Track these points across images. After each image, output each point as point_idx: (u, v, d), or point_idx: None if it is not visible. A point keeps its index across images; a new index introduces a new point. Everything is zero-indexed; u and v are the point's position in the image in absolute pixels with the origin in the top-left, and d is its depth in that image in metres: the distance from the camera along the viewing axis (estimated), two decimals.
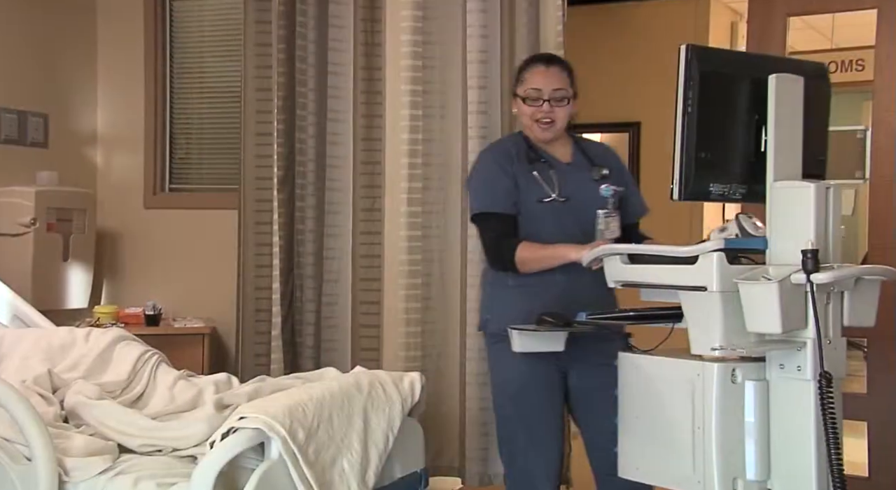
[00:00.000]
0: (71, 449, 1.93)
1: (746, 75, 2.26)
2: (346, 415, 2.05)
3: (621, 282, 2.33)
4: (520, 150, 2.58)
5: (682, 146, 2.17)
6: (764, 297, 2.05)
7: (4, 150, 3.87)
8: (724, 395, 2.11)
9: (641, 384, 2.24)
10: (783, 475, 2.10)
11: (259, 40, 3.47)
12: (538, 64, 2.60)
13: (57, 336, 2.49)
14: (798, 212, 2.16)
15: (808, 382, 2.09)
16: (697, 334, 2.17)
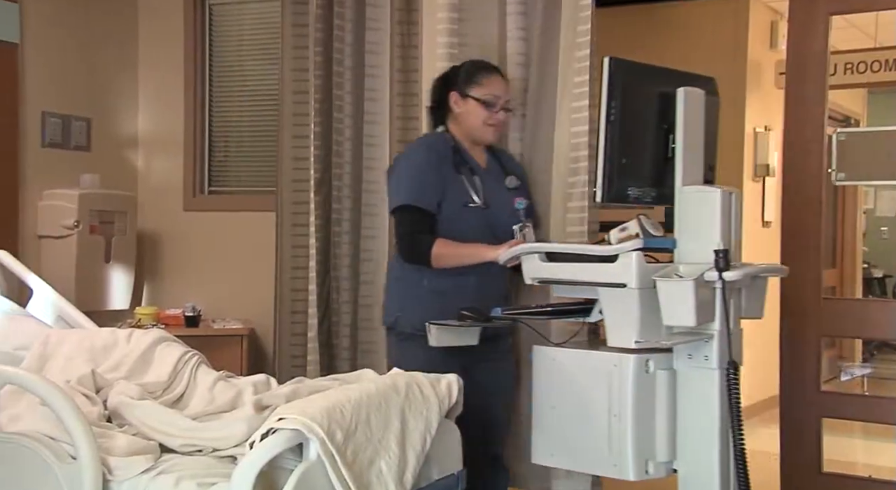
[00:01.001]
0: (114, 448, 1.96)
1: (657, 87, 2.46)
2: (384, 416, 2.06)
3: (539, 279, 2.47)
4: (449, 151, 2.71)
5: (605, 152, 2.35)
6: (681, 293, 2.21)
7: (49, 154, 3.94)
8: (639, 384, 2.28)
9: (557, 375, 2.37)
10: (688, 456, 2.28)
11: (296, 43, 3.49)
12: (495, 73, 2.78)
13: (100, 337, 2.53)
14: (705, 214, 2.33)
15: (713, 371, 2.28)
16: (615, 328, 2.32)
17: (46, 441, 1.94)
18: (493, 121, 2.73)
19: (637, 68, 2.51)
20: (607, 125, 2.35)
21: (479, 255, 2.57)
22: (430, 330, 2.46)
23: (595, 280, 2.36)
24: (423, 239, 2.60)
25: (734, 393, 2.24)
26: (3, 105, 3.75)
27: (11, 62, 3.76)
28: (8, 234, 3.71)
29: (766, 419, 5.02)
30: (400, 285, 2.74)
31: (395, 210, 2.68)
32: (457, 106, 2.75)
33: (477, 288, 2.65)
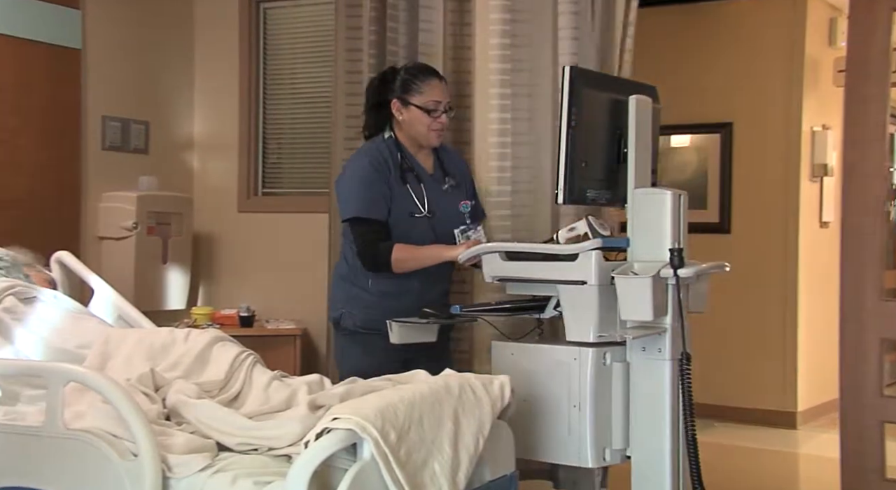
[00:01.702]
0: (173, 446, 1.99)
1: (609, 95, 2.60)
2: (437, 417, 2.06)
3: (499, 277, 2.60)
4: (394, 159, 2.82)
5: (566, 156, 2.47)
6: (639, 289, 2.34)
7: (109, 157, 4.04)
8: (597, 376, 2.42)
9: (515, 369, 2.45)
10: (641, 443, 2.42)
11: (350, 46, 3.52)
12: (433, 77, 2.86)
13: (158, 336, 2.56)
14: (656, 215, 2.46)
15: (666, 362, 2.41)
16: (575, 323, 2.45)
17: (109, 438, 1.98)
18: (436, 126, 2.83)
19: (593, 76, 2.71)
20: (568, 130, 2.47)
21: (438, 256, 2.70)
22: (392, 327, 2.59)
23: (555, 278, 2.48)
24: (382, 247, 2.72)
25: (686, 382, 2.39)
26: (66, 109, 3.85)
27: (74, 67, 3.87)
28: (70, 236, 3.81)
29: (825, 424, 4.93)
30: (346, 284, 2.87)
31: (347, 220, 2.80)
32: (399, 114, 2.84)
33: (420, 290, 2.78)
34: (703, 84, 5.28)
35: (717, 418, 5.12)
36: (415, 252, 2.71)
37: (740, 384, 5.21)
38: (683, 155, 5.48)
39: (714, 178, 5.38)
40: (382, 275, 2.77)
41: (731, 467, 4.25)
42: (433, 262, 2.71)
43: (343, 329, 2.86)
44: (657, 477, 2.40)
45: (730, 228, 5.34)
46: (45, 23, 3.74)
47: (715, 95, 5.29)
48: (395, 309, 2.69)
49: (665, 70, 3.09)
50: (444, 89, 2.88)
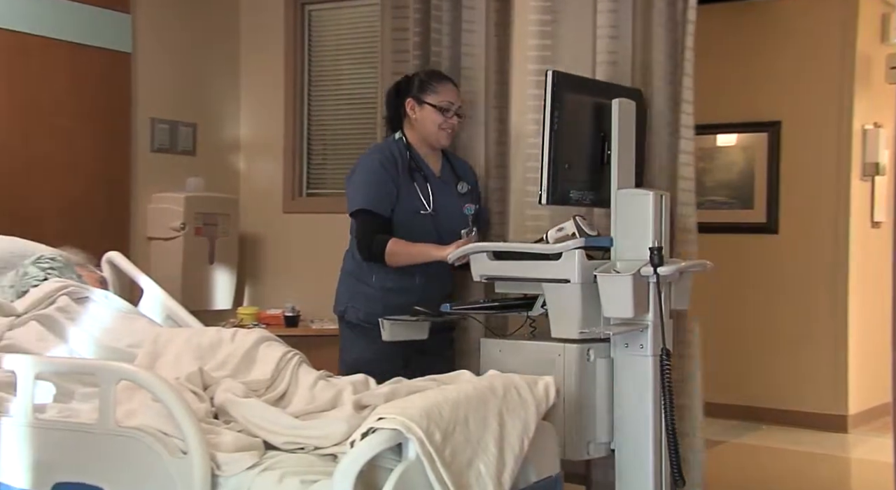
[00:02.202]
0: (222, 444, 2.02)
1: (593, 98, 2.69)
2: (482, 417, 2.06)
3: (487, 276, 2.69)
4: (403, 158, 2.92)
5: (549, 158, 2.56)
6: (620, 287, 2.44)
7: (158, 158, 4.10)
8: (581, 371, 2.51)
9: (503, 365, 2.50)
10: (625, 436, 2.51)
11: (396, 47, 3.53)
12: (448, 81, 3.01)
13: (206, 336, 2.60)
14: (638, 215, 2.54)
15: (648, 358, 2.50)
16: (559, 320, 2.55)
17: (159, 436, 2.01)
18: (446, 125, 2.95)
19: (576, 81, 2.77)
20: (551, 133, 2.55)
21: (427, 254, 2.78)
22: (384, 325, 2.67)
23: (540, 276, 2.58)
24: (379, 239, 2.81)
25: (666, 377, 2.47)
26: (117, 112, 3.92)
27: (125, 71, 3.94)
28: (120, 236, 3.88)
29: (878, 428, 4.83)
30: (351, 279, 2.98)
31: (353, 213, 2.89)
32: (413, 112, 2.96)
33: (422, 287, 2.87)
34: (750, 82, 5.21)
35: (764, 421, 5.05)
36: (407, 247, 2.80)
37: (789, 386, 5.13)
38: (730, 154, 5.41)
39: (761, 178, 5.30)
40: (385, 271, 2.86)
41: (779, 470, 4.18)
42: (423, 260, 2.79)
43: (347, 322, 2.97)
44: (640, 468, 2.50)
45: (777, 229, 5.26)
46: (96, 27, 3.82)
47: (762, 94, 5.21)
48: (397, 305, 2.78)
49: (709, 68, 3.06)
50: (458, 93, 3.01)
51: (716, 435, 3.46)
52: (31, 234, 3.19)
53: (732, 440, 4.69)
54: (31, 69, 3.61)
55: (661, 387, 2.48)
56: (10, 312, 2.61)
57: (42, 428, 2.13)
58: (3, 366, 2.22)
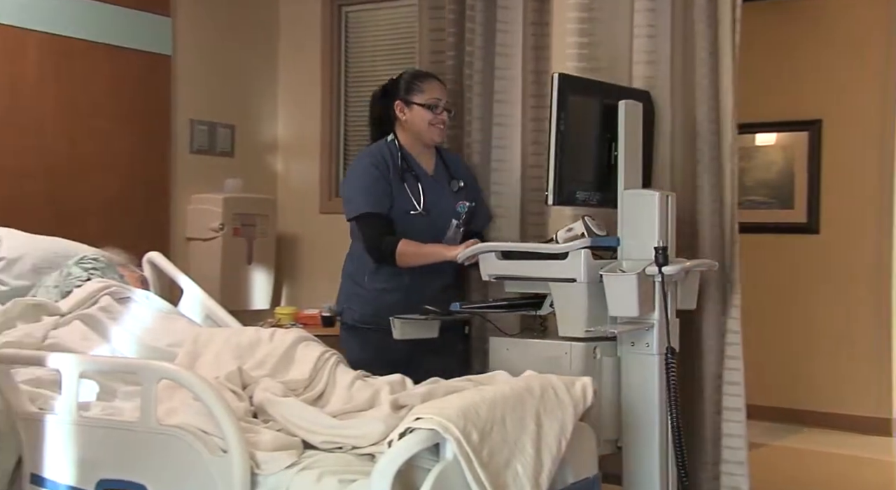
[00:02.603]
0: (261, 443, 2.03)
1: (600, 100, 2.73)
2: (519, 418, 2.06)
3: (495, 275, 2.74)
4: (394, 159, 2.97)
5: (555, 159, 2.60)
6: (625, 286, 2.49)
7: (197, 160, 4.15)
8: (587, 369, 2.53)
9: (511, 363, 2.57)
10: (631, 433, 2.55)
11: (433, 48, 3.54)
12: (432, 79, 3.05)
13: (245, 335, 2.62)
14: (644, 215, 2.58)
15: (654, 356, 2.55)
16: (565, 319, 2.60)
17: (200, 434, 2.03)
18: (436, 122, 2.99)
19: (582, 83, 2.84)
20: (557, 134, 2.60)
21: (438, 255, 2.81)
22: (395, 323, 2.73)
23: (547, 276, 2.62)
24: (389, 240, 2.85)
25: (672, 375, 2.51)
26: (157, 114, 3.98)
27: (165, 73, 3.99)
28: (160, 237, 3.93)
29: None
30: (349, 282, 3.04)
31: (356, 217, 2.93)
32: (402, 114, 3.01)
33: (412, 285, 2.91)
34: (790, 81, 5.14)
35: (806, 423, 4.98)
36: (419, 248, 2.83)
37: (831, 388, 5.06)
38: (769, 153, 5.35)
39: (801, 177, 5.23)
40: (378, 272, 2.93)
41: (823, 474, 4.12)
42: (434, 260, 2.82)
43: (344, 323, 3.04)
44: (647, 465, 2.54)
45: (818, 228, 5.18)
46: (137, 30, 3.87)
47: (802, 92, 5.14)
48: (389, 304, 2.86)
49: (747, 67, 3.02)
50: (444, 89, 3.06)
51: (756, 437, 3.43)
52: (74, 235, 3.24)
53: (773, 443, 4.63)
54: (74, 72, 3.68)
55: (667, 385, 2.52)
56: (55, 312, 2.65)
57: (86, 425, 2.17)
58: (48, 364, 2.26)
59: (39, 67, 3.57)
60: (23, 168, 3.52)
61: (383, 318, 2.80)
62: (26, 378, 2.36)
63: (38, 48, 3.56)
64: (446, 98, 3.05)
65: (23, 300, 2.65)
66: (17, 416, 2.25)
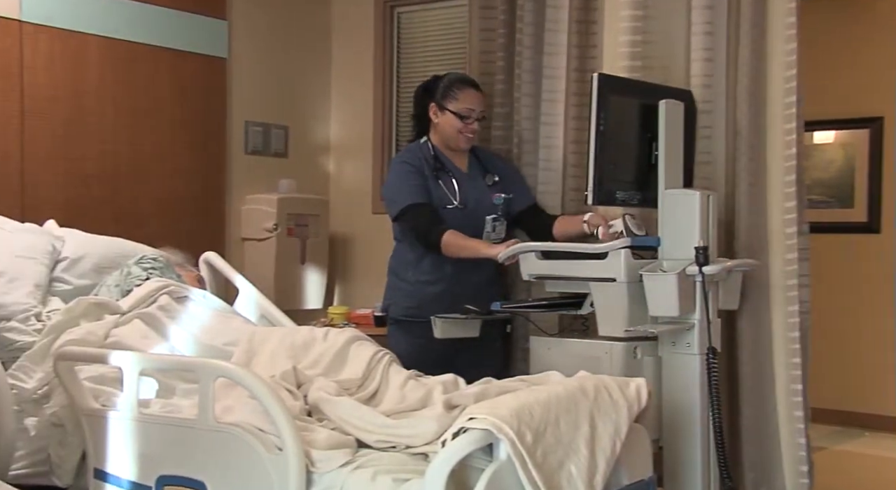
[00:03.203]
0: (315, 442, 2.05)
1: (640, 100, 2.74)
2: (573, 419, 2.05)
3: (535, 275, 2.76)
4: (427, 159, 3.04)
5: (595, 158, 2.62)
6: (665, 286, 2.49)
7: (251, 160, 4.20)
8: (627, 369, 2.54)
9: (552, 363, 2.60)
10: (673, 432, 2.54)
11: (483, 48, 3.54)
12: (470, 87, 3.06)
13: (299, 334, 2.65)
14: (685, 215, 2.58)
15: (695, 356, 2.55)
16: (605, 319, 2.60)
17: (256, 432, 2.06)
18: (466, 131, 3.03)
19: (623, 83, 2.85)
20: (597, 135, 2.61)
21: (479, 251, 2.83)
22: (436, 323, 2.76)
23: (586, 275, 2.64)
24: (436, 229, 2.89)
25: (713, 375, 2.51)
26: (213, 115, 4.04)
27: (221, 75, 4.05)
28: (216, 237, 3.99)
29: None
30: (393, 277, 3.11)
31: (401, 213, 2.97)
32: (435, 117, 3.06)
33: (452, 277, 2.96)
34: (850, 78, 5.03)
35: (867, 427, 4.88)
36: (463, 241, 2.86)
37: (893, 392, 4.94)
38: (827, 152, 5.24)
39: (862, 176, 5.12)
40: (420, 265, 2.99)
41: (885, 480, 4.03)
42: (472, 255, 2.84)
43: (391, 318, 3.10)
44: (689, 465, 2.53)
45: (879, 228, 5.07)
46: (194, 34, 3.94)
47: (863, 90, 5.03)
48: (432, 295, 2.94)
49: (808, 64, 2.96)
50: (480, 99, 3.07)
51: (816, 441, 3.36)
52: (132, 235, 3.31)
53: (834, 447, 4.54)
54: (136, 75, 3.75)
55: (709, 385, 2.51)
56: (116, 310, 2.71)
57: (146, 422, 2.22)
58: (110, 362, 2.32)
59: (101, 71, 3.65)
60: (84, 170, 3.60)
61: (426, 310, 2.86)
62: (89, 375, 2.42)
63: (100, 53, 3.64)
64: (482, 107, 3.07)
65: (85, 299, 2.71)
66: (80, 412, 2.31)
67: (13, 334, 2.63)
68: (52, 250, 2.97)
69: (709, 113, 3.04)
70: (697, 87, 3.03)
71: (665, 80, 3.13)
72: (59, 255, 3.00)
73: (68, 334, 2.54)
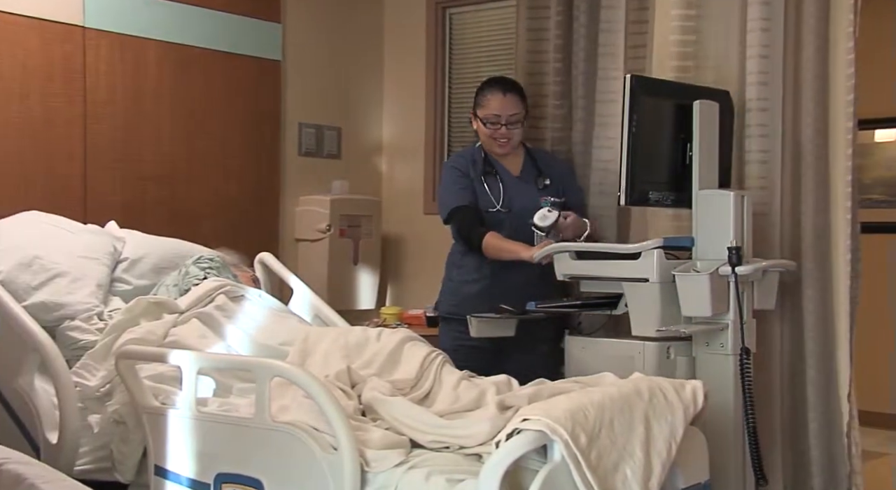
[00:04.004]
0: (370, 441, 2.07)
1: (674, 100, 2.75)
2: (627, 421, 2.04)
3: (570, 275, 2.81)
4: (477, 161, 3.08)
5: (627, 160, 2.64)
6: (697, 286, 2.51)
7: (305, 162, 4.24)
8: (660, 369, 2.55)
9: (587, 362, 2.68)
10: (707, 433, 2.39)
11: (531, 47, 3.52)
12: (497, 91, 3.04)
13: (353, 335, 2.67)
14: (719, 215, 2.59)
15: (729, 357, 2.56)
16: (639, 319, 2.63)
17: (311, 431, 2.08)
18: (496, 136, 3.03)
19: (656, 84, 2.86)
20: (629, 136, 2.62)
21: (515, 253, 2.87)
22: (472, 322, 2.80)
23: (619, 276, 2.67)
24: (477, 231, 2.96)
25: (747, 376, 2.51)
26: (268, 118, 4.09)
27: (275, 78, 4.10)
28: (270, 237, 4.04)
29: None
30: (444, 276, 3.18)
31: (448, 216, 3.04)
32: (473, 123, 3.12)
33: (492, 277, 2.99)
34: None
35: None
36: (501, 242, 2.91)
37: None
38: (888, 150, 5.12)
39: None
40: (462, 265, 3.06)
41: None
42: (510, 257, 2.88)
43: (440, 315, 3.18)
44: (723, 466, 2.49)
45: None
46: (249, 37, 3.99)
47: None
48: (471, 294, 3.00)
49: (867, 60, 2.90)
50: (510, 103, 3.02)
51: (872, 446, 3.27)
52: (188, 235, 3.36)
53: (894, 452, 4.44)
54: (192, 78, 3.81)
55: (742, 386, 2.51)
56: (174, 309, 2.76)
57: (204, 420, 2.25)
58: (169, 361, 2.36)
59: (158, 75, 3.71)
60: (142, 172, 3.67)
61: (465, 308, 2.91)
62: (149, 374, 2.47)
63: (157, 56, 3.71)
64: (513, 111, 3.02)
65: (145, 298, 2.76)
66: (141, 409, 2.36)
67: (76, 333, 2.70)
68: (113, 251, 3.04)
69: (765, 111, 2.99)
70: (753, 85, 2.99)
71: (717, 79, 3.09)
72: (120, 255, 3.07)
73: (129, 333, 2.59)
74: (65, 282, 2.79)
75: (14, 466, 1.68)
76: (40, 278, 2.76)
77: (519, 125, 3.07)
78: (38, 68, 3.37)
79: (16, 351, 2.50)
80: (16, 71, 3.31)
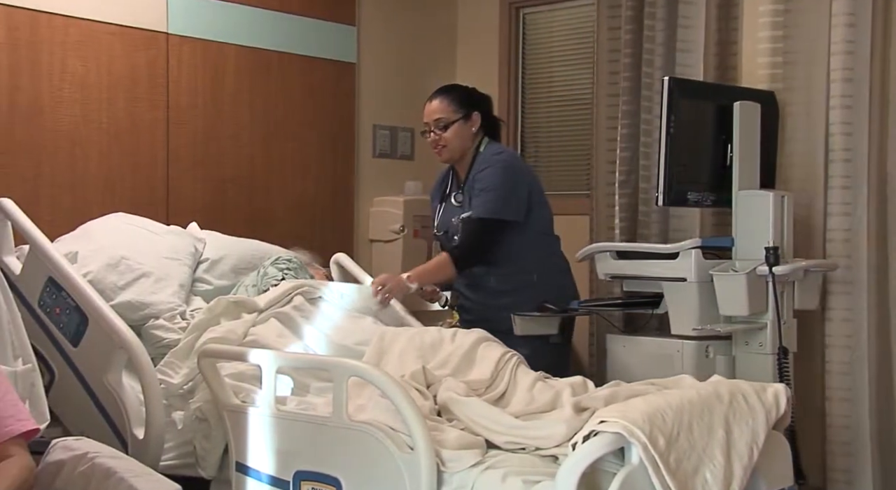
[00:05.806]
0: (446, 441, 2.08)
1: (714, 102, 2.79)
2: (707, 424, 2.00)
3: (610, 274, 2.90)
4: (444, 180, 3.12)
5: (665, 160, 2.67)
6: (735, 285, 2.55)
7: (379, 163, 4.28)
8: (699, 368, 2.59)
9: (627, 359, 2.72)
10: None
11: (611, 47, 3.50)
12: (429, 100, 3.03)
13: (428, 335, 2.68)
14: (759, 215, 2.63)
15: (767, 356, 2.61)
16: (677, 317, 2.68)
17: (388, 431, 2.10)
18: (430, 143, 3.02)
19: (695, 85, 2.92)
20: (667, 137, 2.65)
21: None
22: (515, 320, 2.83)
23: (658, 275, 2.72)
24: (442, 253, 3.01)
25: (785, 375, 2.55)
26: (343, 119, 4.14)
27: (350, 80, 4.15)
28: (345, 238, 4.09)
29: None
30: None
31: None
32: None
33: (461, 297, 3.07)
34: None
35: None
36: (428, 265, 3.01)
37: None
38: None
39: None
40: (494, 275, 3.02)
41: None
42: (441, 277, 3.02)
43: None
44: None
45: None
46: (325, 40, 4.05)
47: None
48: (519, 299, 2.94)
49: None
50: (430, 109, 2.99)
51: None
52: (264, 236, 3.43)
53: None
54: (270, 81, 3.89)
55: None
56: (253, 308, 2.81)
57: (283, 418, 2.29)
58: (249, 360, 2.41)
59: (237, 79, 3.79)
60: (222, 174, 3.75)
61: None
62: (230, 372, 2.52)
63: (237, 61, 3.79)
64: (436, 115, 2.98)
65: (225, 298, 2.82)
66: (222, 407, 2.41)
67: (160, 332, 2.77)
68: (194, 252, 3.12)
69: (849, 108, 2.92)
70: (837, 82, 2.92)
71: (806, 77, 3.03)
72: (201, 256, 3.14)
73: (210, 332, 2.65)
74: (149, 282, 2.87)
75: (105, 460, 1.74)
76: (126, 278, 2.84)
77: (449, 130, 2.98)
78: (123, 74, 3.47)
79: (104, 348, 2.58)
80: (102, 78, 3.42)
